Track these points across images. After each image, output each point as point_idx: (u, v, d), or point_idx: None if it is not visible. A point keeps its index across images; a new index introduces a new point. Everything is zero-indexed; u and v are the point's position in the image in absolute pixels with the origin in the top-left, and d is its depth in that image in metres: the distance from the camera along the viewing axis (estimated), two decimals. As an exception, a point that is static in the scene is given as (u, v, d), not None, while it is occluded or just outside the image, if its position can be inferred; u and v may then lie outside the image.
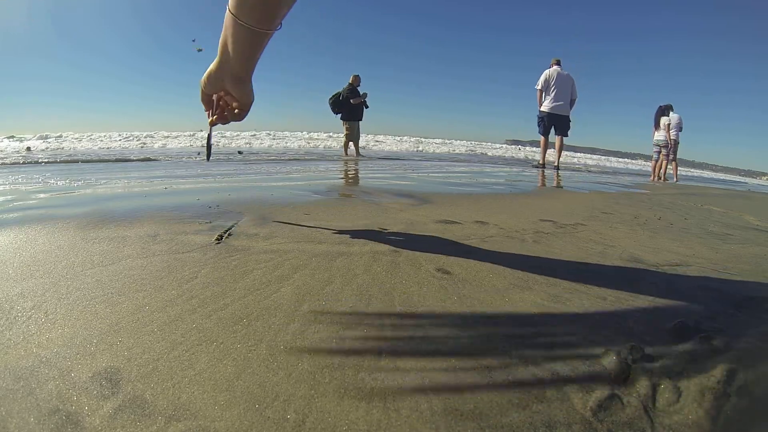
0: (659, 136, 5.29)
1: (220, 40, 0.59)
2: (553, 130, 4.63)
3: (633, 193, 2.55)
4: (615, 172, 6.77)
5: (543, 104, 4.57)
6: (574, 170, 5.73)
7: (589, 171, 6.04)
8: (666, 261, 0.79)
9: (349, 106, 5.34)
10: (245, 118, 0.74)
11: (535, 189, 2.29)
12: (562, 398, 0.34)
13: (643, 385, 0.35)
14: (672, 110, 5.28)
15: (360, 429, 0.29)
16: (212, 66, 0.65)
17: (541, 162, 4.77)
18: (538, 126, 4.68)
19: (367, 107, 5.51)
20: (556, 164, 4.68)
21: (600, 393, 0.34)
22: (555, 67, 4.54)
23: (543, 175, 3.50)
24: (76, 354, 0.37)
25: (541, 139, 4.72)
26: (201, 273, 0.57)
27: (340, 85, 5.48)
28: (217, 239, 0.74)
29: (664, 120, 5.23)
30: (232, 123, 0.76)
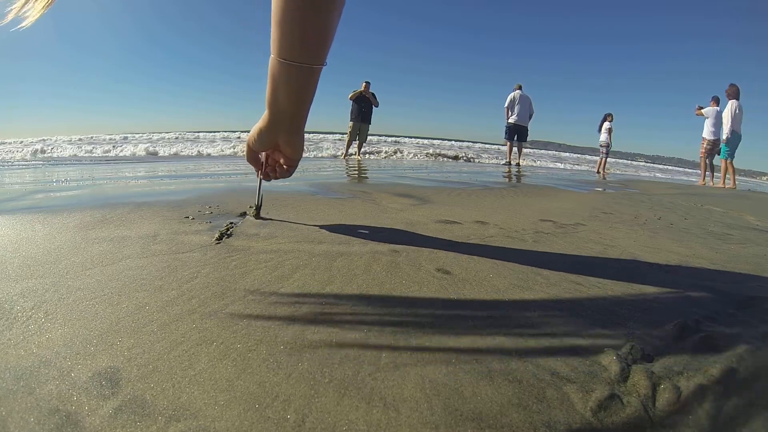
0: (602, 137, 6.56)
1: (268, 96, 0.59)
2: (516, 137, 6.24)
3: (633, 193, 2.55)
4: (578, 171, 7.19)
5: (510, 118, 6.15)
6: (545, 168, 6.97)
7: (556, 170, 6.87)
8: (666, 261, 0.79)
9: (353, 107, 5.60)
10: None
11: (533, 188, 2.29)
12: (562, 398, 0.34)
13: (643, 385, 0.35)
14: (612, 119, 6.58)
15: (360, 429, 0.29)
16: (261, 123, 0.64)
17: (508, 160, 6.35)
18: (505, 134, 6.26)
19: (376, 105, 5.68)
20: (518, 161, 6.39)
21: (600, 393, 0.34)
22: (517, 90, 6.14)
23: (510, 170, 4.67)
24: (76, 354, 0.37)
25: (507, 143, 6.36)
26: (201, 273, 0.57)
27: (344, 86, 5.67)
28: (217, 239, 0.74)
29: (606, 125, 6.55)
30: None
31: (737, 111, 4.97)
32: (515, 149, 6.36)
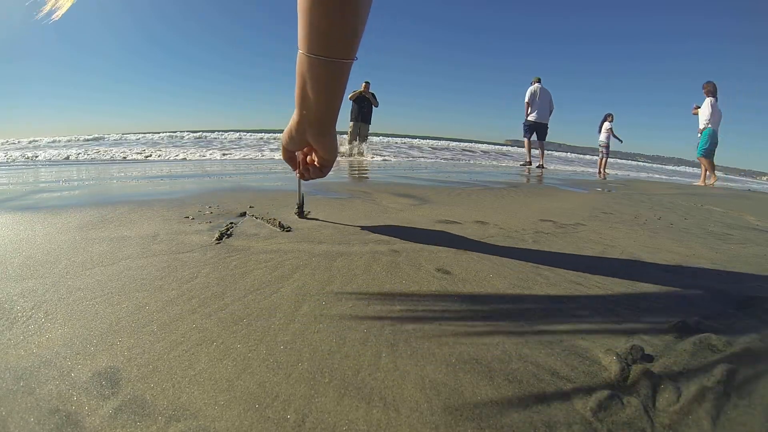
0: (602, 138, 6.42)
1: (297, 94, 0.57)
2: (535, 135, 5.78)
3: (633, 193, 2.55)
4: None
5: (530, 115, 5.69)
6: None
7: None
8: (666, 261, 0.79)
9: (353, 107, 5.69)
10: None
11: (533, 188, 2.29)
12: (562, 398, 0.34)
13: (643, 385, 0.35)
14: (612, 119, 6.44)
15: (360, 429, 0.29)
16: (292, 122, 0.62)
17: (528, 160, 5.79)
18: (525, 131, 5.80)
19: (376, 105, 5.76)
20: (540, 163, 5.71)
21: (600, 393, 0.34)
22: (537, 84, 5.67)
23: (529, 171, 4.35)
24: (76, 354, 0.37)
25: (526, 141, 5.88)
26: (201, 273, 0.57)
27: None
28: (217, 239, 0.74)
29: (606, 125, 6.41)
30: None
31: (712, 108, 4.85)
32: (536, 150, 5.88)
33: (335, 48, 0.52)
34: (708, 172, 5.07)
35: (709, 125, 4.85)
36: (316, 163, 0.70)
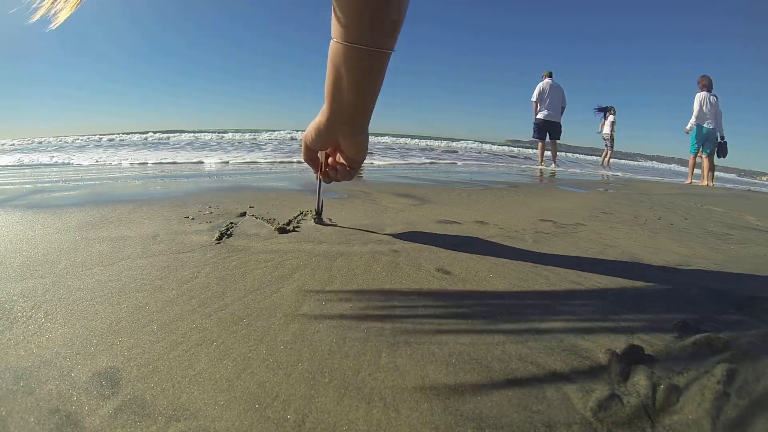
0: (605, 130, 6.58)
1: (329, 88, 0.52)
2: (547, 135, 5.35)
3: (633, 193, 2.55)
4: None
5: (539, 113, 5.23)
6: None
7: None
8: (666, 261, 0.79)
9: None
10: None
11: (533, 188, 2.29)
12: (562, 398, 0.34)
13: (643, 385, 0.35)
14: (614, 112, 6.49)
15: (360, 429, 0.29)
16: (320, 118, 0.56)
17: (540, 163, 5.43)
18: (534, 132, 5.34)
19: None
20: (554, 162, 5.45)
21: (600, 393, 0.34)
22: (547, 79, 5.22)
23: (541, 173, 4.11)
24: (76, 354, 0.37)
25: (539, 143, 5.44)
26: (201, 273, 0.57)
27: None
28: (217, 239, 0.74)
29: (609, 118, 6.54)
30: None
31: (707, 104, 4.68)
32: (547, 151, 5.44)
33: (376, 36, 0.46)
34: (701, 171, 5.00)
35: (699, 122, 4.74)
36: (345, 163, 0.65)
